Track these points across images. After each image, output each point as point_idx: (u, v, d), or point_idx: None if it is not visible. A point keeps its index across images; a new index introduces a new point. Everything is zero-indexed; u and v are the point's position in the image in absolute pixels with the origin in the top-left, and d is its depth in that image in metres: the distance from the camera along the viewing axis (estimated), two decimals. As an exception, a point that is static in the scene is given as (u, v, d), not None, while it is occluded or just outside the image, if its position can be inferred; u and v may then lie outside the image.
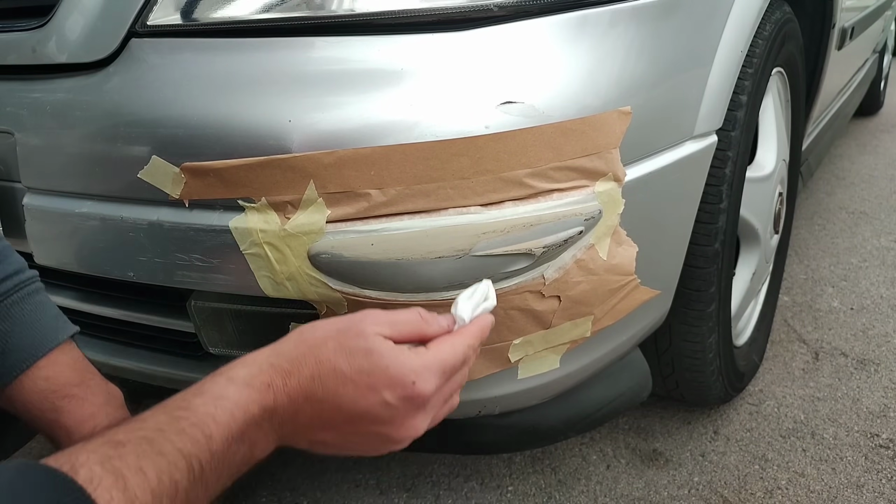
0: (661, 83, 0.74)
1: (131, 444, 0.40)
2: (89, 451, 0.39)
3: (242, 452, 0.46)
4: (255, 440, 0.46)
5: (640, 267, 0.73)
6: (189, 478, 0.41)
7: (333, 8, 0.67)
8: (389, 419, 0.48)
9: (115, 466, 0.38)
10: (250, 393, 0.45)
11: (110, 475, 0.38)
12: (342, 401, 0.47)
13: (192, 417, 0.43)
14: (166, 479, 0.40)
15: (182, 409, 0.43)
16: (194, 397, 0.45)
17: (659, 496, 1.06)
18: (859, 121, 3.45)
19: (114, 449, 0.39)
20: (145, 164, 0.65)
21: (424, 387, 0.48)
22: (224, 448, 0.44)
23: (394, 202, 0.61)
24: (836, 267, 1.82)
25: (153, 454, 0.40)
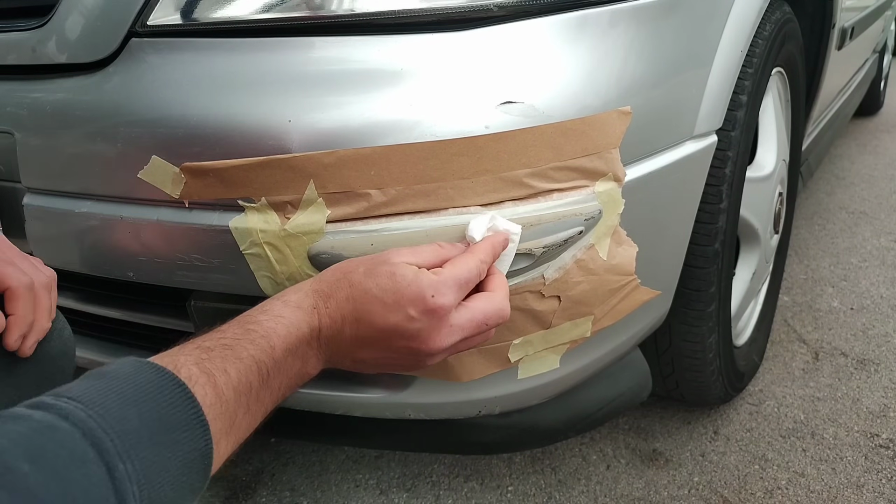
0: (661, 83, 0.74)
1: (217, 349, 0.48)
2: (185, 354, 0.46)
3: (297, 367, 0.53)
4: (306, 356, 0.54)
5: (640, 267, 0.73)
6: (259, 380, 0.49)
7: (333, 8, 0.67)
8: (416, 333, 0.54)
9: (207, 368, 0.46)
10: (301, 314, 0.53)
11: (203, 374, 0.45)
12: (374, 318, 0.53)
13: (260, 330, 0.50)
14: (244, 380, 0.47)
15: (252, 324, 0.51)
16: (259, 314, 0.52)
17: (659, 496, 1.06)
18: (859, 121, 3.45)
19: (205, 353, 0.47)
20: (145, 164, 0.65)
21: (442, 300, 0.54)
22: (283, 358, 0.51)
23: (394, 202, 0.61)
24: (836, 267, 1.82)
25: (234, 358, 0.47)
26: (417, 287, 0.53)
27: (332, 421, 0.81)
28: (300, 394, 0.77)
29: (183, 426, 0.42)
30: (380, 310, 0.53)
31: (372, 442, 0.97)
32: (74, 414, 0.38)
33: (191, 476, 0.43)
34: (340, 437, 0.90)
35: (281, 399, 0.53)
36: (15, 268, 0.58)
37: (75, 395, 0.40)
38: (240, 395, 0.47)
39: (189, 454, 0.42)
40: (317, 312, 0.54)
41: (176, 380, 0.43)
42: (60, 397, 0.40)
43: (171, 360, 0.45)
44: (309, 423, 0.85)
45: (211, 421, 0.44)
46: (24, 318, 0.58)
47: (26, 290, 0.58)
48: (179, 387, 0.43)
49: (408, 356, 0.56)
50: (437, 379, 0.72)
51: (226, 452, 0.47)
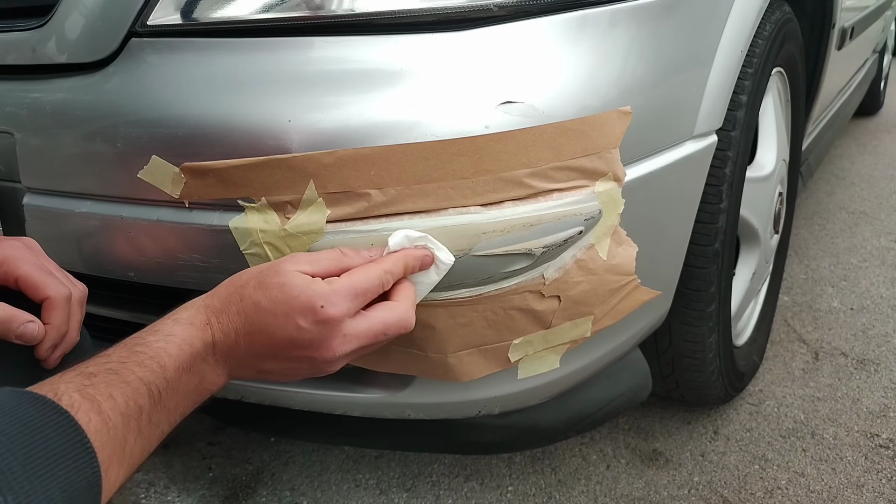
0: (661, 83, 0.74)
1: (101, 374, 0.46)
2: (66, 381, 0.45)
3: (194, 383, 0.52)
4: (203, 372, 0.53)
5: (640, 267, 0.73)
6: (150, 402, 0.47)
7: (333, 8, 0.67)
8: (309, 343, 0.53)
9: (90, 393, 0.44)
10: (193, 331, 0.52)
11: (87, 401, 0.44)
12: (267, 331, 0.53)
13: (149, 351, 0.49)
14: (132, 404, 0.46)
15: (139, 345, 0.50)
16: (148, 335, 0.51)
17: (659, 496, 1.06)
18: (859, 121, 3.45)
19: (87, 379, 0.45)
20: (145, 164, 0.65)
21: (332, 310, 0.52)
22: (177, 377, 0.50)
23: (394, 202, 0.61)
24: (836, 267, 1.82)
25: (119, 382, 0.46)
26: (307, 297, 0.52)
27: (332, 421, 0.81)
28: (300, 394, 0.77)
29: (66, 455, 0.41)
30: (272, 322, 0.52)
31: (372, 442, 0.97)
32: None
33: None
34: (340, 437, 0.90)
35: (180, 418, 0.51)
36: (55, 278, 0.58)
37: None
38: (128, 420, 0.45)
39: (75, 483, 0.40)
40: (209, 328, 0.53)
41: (57, 407, 0.42)
42: None
43: (50, 389, 0.44)
44: (309, 423, 0.85)
45: (98, 448, 0.42)
46: (59, 329, 0.57)
47: (65, 302, 0.58)
48: (61, 415, 0.42)
49: (306, 363, 0.55)
50: (436, 379, 0.72)
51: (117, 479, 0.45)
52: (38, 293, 0.57)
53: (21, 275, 0.57)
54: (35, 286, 0.57)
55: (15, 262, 0.57)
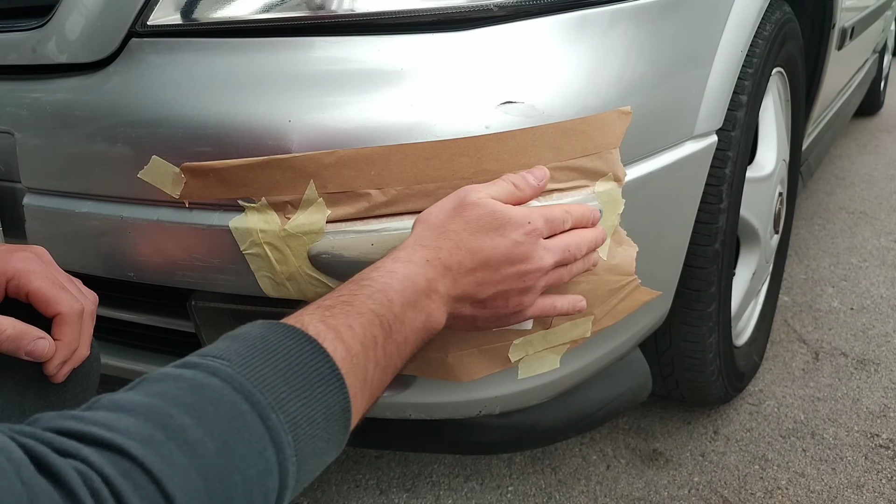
0: (661, 83, 0.74)
1: (338, 306, 0.49)
2: (309, 314, 0.48)
3: (420, 320, 0.54)
4: (428, 309, 0.55)
5: (640, 267, 0.73)
6: (383, 333, 0.50)
7: (333, 8, 0.67)
8: (523, 254, 0.58)
9: (332, 324, 0.47)
10: (414, 268, 0.54)
11: (330, 330, 0.46)
12: (486, 253, 0.56)
13: (375, 285, 0.52)
14: (368, 333, 0.49)
15: (366, 280, 0.52)
16: (372, 272, 0.54)
17: (659, 496, 1.06)
18: (859, 121, 3.45)
19: (327, 311, 0.48)
20: (145, 164, 0.65)
21: (537, 223, 0.58)
22: (402, 312, 0.52)
23: (394, 202, 0.61)
24: (836, 267, 1.82)
25: (355, 313, 0.49)
26: (515, 215, 0.57)
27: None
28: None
29: (321, 381, 0.43)
30: (489, 243, 0.56)
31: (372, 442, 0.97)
32: (222, 370, 0.40)
33: (333, 430, 0.44)
34: (340, 437, 0.90)
35: (410, 354, 0.54)
36: (67, 293, 0.57)
37: (219, 354, 0.41)
38: (367, 349, 0.48)
39: (330, 408, 0.43)
40: (430, 264, 0.55)
41: (307, 336, 0.45)
42: (206, 356, 0.41)
43: (296, 320, 0.47)
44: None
45: (345, 375, 0.45)
46: (69, 345, 0.57)
47: (77, 318, 0.57)
48: (311, 343, 0.44)
49: (518, 282, 0.58)
50: (437, 379, 0.72)
51: (362, 407, 0.48)
52: (50, 309, 0.56)
53: (33, 289, 0.56)
54: (47, 301, 0.56)
55: (27, 276, 0.56)
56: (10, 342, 0.53)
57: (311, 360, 0.44)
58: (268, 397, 0.40)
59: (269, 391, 0.40)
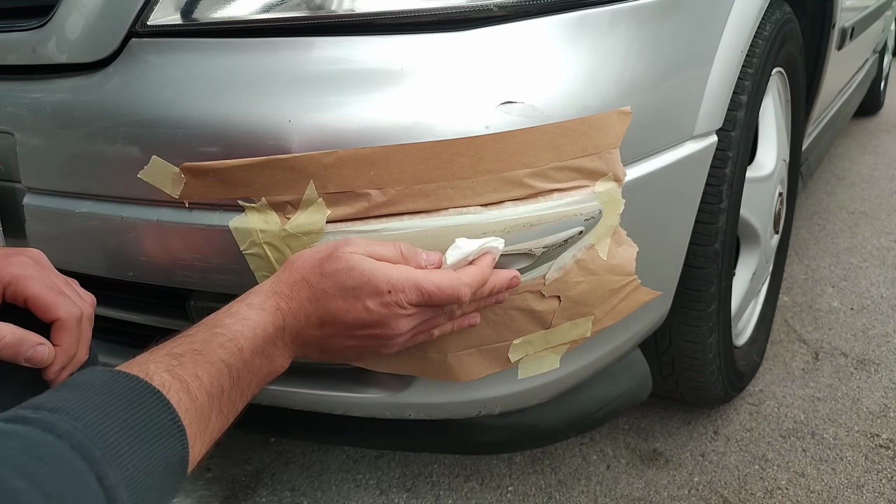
0: (661, 83, 0.74)
1: (188, 355, 0.49)
2: (155, 361, 0.47)
3: (266, 366, 0.55)
4: (273, 355, 0.55)
5: (640, 267, 0.73)
6: (230, 382, 0.50)
7: (333, 8, 0.67)
8: (375, 322, 0.56)
9: (179, 374, 0.47)
10: (265, 315, 0.55)
11: (176, 381, 0.46)
12: (336, 314, 0.56)
13: (228, 334, 0.52)
14: (216, 383, 0.49)
15: (219, 327, 0.52)
16: (225, 318, 0.54)
17: (659, 496, 1.06)
18: (859, 121, 3.45)
19: (175, 359, 0.48)
20: (145, 164, 0.65)
21: (396, 296, 0.56)
22: (251, 359, 0.53)
23: (394, 202, 0.61)
24: (836, 267, 1.82)
25: (205, 363, 0.49)
26: (375, 282, 0.55)
27: (332, 421, 0.81)
28: (300, 394, 0.77)
29: (161, 433, 0.43)
30: (341, 305, 0.56)
31: (372, 442, 0.96)
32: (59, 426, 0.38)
33: (171, 479, 0.44)
34: (341, 437, 0.90)
35: (250, 398, 0.54)
36: (66, 298, 0.57)
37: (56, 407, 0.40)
38: (212, 399, 0.48)
39: (169, 459, 0.43)
40: (280, 313, 0.55)
41: (151, 387, 0.44)
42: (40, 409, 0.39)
43: (141, 369, 0.46)
44: (309, 423, 0.85)
45: (187, 425, 0.45)
46: (68, 350, 0.57)
47: (76, 323, 0.57)
48: (155, 394, 0.44)
49: (372, 341, 0.58)
50: (437, 379, 0.72)
51: (200, 454, 0.48)
52: (49, 314, 0.56)
53: (31, 295, 0.55)
54: (46, 307, 0.56)
55: (25, 282, 0.55)
56: (9, 349, 0.52)
57: (154, 412, 0.43)
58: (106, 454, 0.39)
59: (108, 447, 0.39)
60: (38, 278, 0.56)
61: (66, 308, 0.56)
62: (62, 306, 0.56)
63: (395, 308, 0.56)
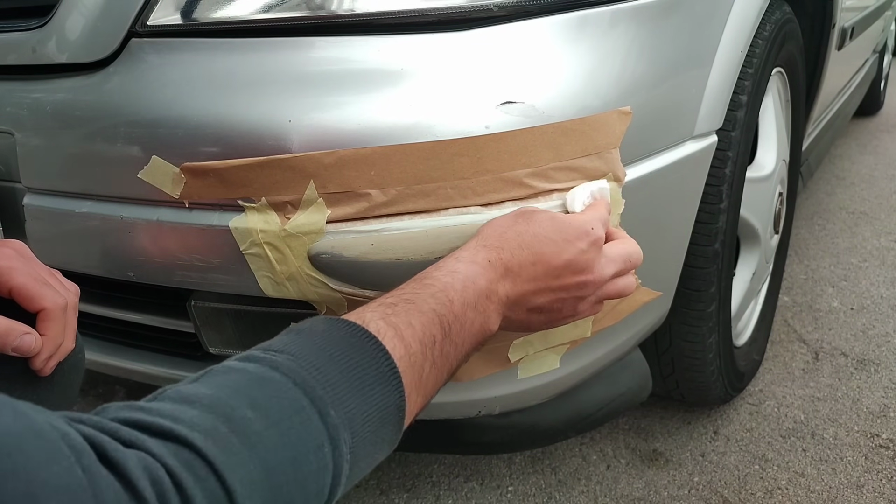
0: (661, 83, 0.74)
1: (400, 304, 0.49)
2: (370, 310, 0.48)
3: (479, 322, 0.54)
4: (486, 311, 0.54)
5: (640, 267, 0.73)
6: (442, 333, 0.50)
7: (333, 8, 0.67)
8: (586, 264, 0.58)
9: (392, 321, 0.47)
10: (476, 268, 0.54)
11: (390, 328, 0.47)
12: (548, 258, 0.57)
13: (438, 284, 0.52)
14: (427, 332, 0.49)
15: (428, 279, 0.53)
16: (435, 270, 0.54)
17: (659, 496, 1.06)
18: (859, 121, 3.45)
19: (388, 308, 0.49)
20: (145, 164, 0.65)
21: (599, 231, 0.59)
22: (462, 312, 0.52)
23: (394, 202, 0.61)
24: (836, 267, 1.82)
25: (416, 312, 0.49)
26: (578, 223, 0.58)
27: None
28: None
29: (379, 380, 0.44)
30: (552, 249, 0.57)
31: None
32: (285, 365, 0.40)
33: (387, 429, 0.45)
34: (340, 437, 0.90)
35: (465, 356, 0.54)
36: (50, 288, 0.57)
37: (281, 349, 0.42)
38: (425, 348, 0.48)
39: (386, 407, 0.44)
40: (492, 265, 0.55)
41: (368, 334, 0.45)
42: (268, 351, 0.42)
43: (358, 316, 0.47)
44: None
45: (402, 373, 0.45)
46: (55, 339, 0.57)
47: (61, 313, 0.57)
48: (372, 340, 0.45)
49: (577, 291, 0.59)
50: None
51: (416, 407, 0.48)
52: (34, 304, 0.56)
53: (15, 286, 0.55)
54: (31, 298, 0.56)
55: (9, 273, 0.56)
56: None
57: (372, 357, 0.44)
58: (328, 394, 0.40)
59: (330, 388, 0.41)
60: (22, 269, 0.56)
61: (51, 298, 0.56)
62: (47, 296, 0.56)
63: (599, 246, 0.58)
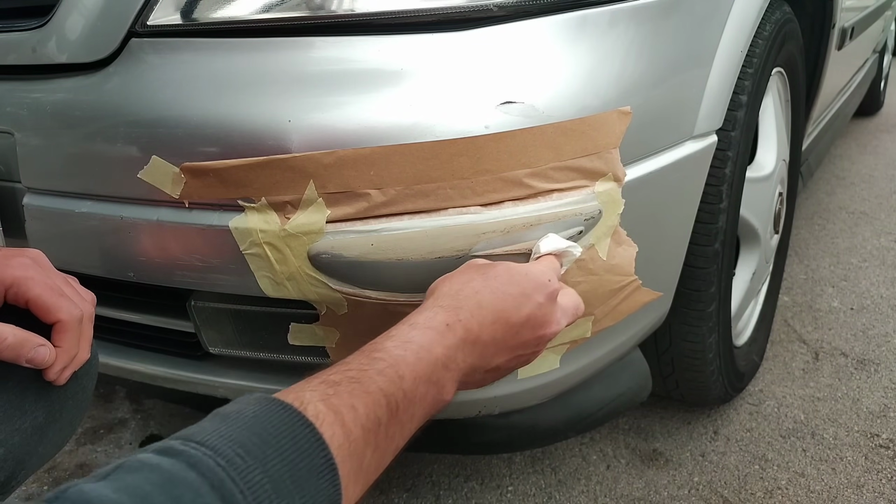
0: (661, 83, 0.74)
1: (343, 383, 0.45)
2: (311, 389, 0.44)
3: (432, 395, 0.50)
4: (441, 382, 0.50)
5: (640, 267, 0.73)
6: (388, 414, 0.46)
7: (333, 8, 0.67)
8: (544, 318, 0.56)
9: (334, 404, 0.43)
10: (432, 335, 0.50)
11: (331, 412, 0.42)
12: (508, 315, 0.54)
13: (388, 359, 0.47)
14: (372, 416, 0.44)
15: (378, 352, 0.48)
16: (387, 340, 0.50)
17: (659, 496, 1.06)
18: (859, 121, 3.45)
19: (331, 387, 0.44)
20: (145, 164, 0.65)
21: (555, 283, 0.58)
22: (413, 388, 0.48)
23: (394, 202, 0.61)
24: (836, 267, 1.82)
25: (361, 393, 0.45)
26: (535, 275, 0.56)
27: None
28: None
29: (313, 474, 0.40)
30: (512, 304, 0.54)
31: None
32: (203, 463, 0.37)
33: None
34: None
35: (412, 433, 0.49)
36: (67, 300, 0.57)
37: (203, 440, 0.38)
38: (368, 433, 0.44)
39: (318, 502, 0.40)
40: (450, 329, 0.51)
41: (305, 421, 0.41)
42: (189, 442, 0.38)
43: (296, 397, 0.43)
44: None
45: (339, 464, 0.41)
46: (69, 351, 0.56)
47: (76, 324, 0.57)
48: (308, 428, 0.41)
49: (534, 347, 0.57)
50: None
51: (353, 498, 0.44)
52: (50, 316, 0.56)
53: (32, 297, 0.55)
54: (47, 309, 0.56)
55: (26, 284, 0.55)
56: (10, 350, 0.52)
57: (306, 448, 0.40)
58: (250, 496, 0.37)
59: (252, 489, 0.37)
60: (39, 280, 0.56)
61: (67, 310, 0.56)
62: (63, 308, 0.56)
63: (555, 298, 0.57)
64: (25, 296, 0.55)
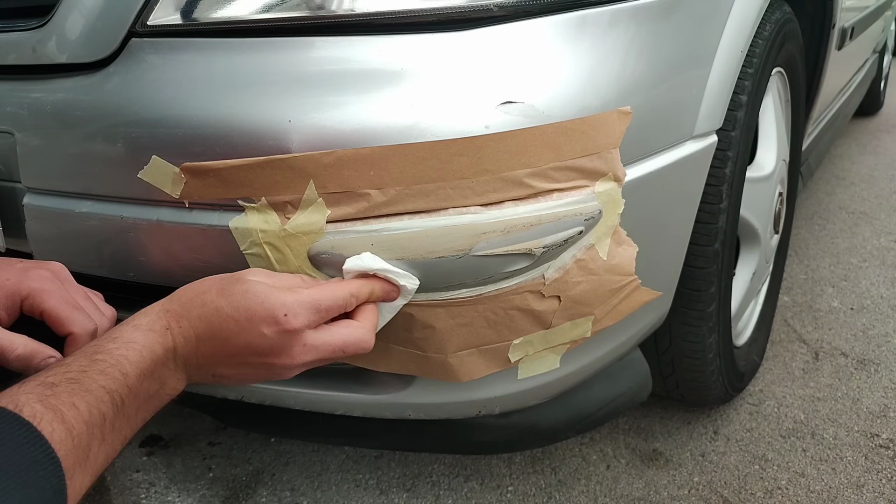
0: (661, 83, 0.74)
1: (62, 384, 0.46)
2: (26, 392, 0.45)
3: (155, 388, 0.52)
4: (163, 377, 0.53)
5: (640, 267, 0.73)
6: (113, 410, 0.48)
7: (333, 8, 0.67)
8: (269, 350, 0.54)
9: (52, 404, 0.44)
10: (153, 336, 0.52)
11: (50, 411, 0.44)
12: (226, 336, 0.54)
13: (110, 359, 0.49)
14: (96, 412, 0.46)
15: (100, 353, 0.50)
16: (108, 343, 0.51)
17: (659, 496, 1.06)
18: (859, 121, 3.45)
19: (49, 389, 0.45)
20: (145, 164, 0.65)
21: (294, 321, 0.54)
22: (138, 383, 0.50)
23: (394, 202, 0.61)
24: (836, 267, 1.82)
25: (82, 391, 0.46)
26: (270, 305, 0.53)
27: (333, 421, 0.81)
28: (301, 394, 0.77)
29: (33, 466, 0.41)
30: (233, 327, 0.53)
31: (372, 442, 0.97)
32: None
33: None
34: (341, 437, 0.90)
35: (142, 423, 0.52)
36: (81, 312, 0.57)
37: None
38: (92, 428, 0.46)
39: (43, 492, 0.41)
40: (170, 333, 0.53)
41: (19, 419, 0.42)
42: None
43: (10, 401, 0.44)
44: (309, 423, 0.85)
45: (62, 457, 0.43)
46: None
47: (88, 338, 0.57)
48: (24, 426, 0.42)
49: (263, 370, 0.56)
50: (437, 379, 0.72)
51: (82, 486, 0.46)
52: (63, 328, 0.57)
53: (46, 309, 0.56)
54: (60, 322, 0.56)
55: (41, 296, 0.56)
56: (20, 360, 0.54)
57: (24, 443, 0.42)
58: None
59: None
60: (55, 292, 0.57)
61: (79, 323, 0.57)
62: (76, 321, 0.57)
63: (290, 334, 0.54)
64: (40, 307, 0.56)
